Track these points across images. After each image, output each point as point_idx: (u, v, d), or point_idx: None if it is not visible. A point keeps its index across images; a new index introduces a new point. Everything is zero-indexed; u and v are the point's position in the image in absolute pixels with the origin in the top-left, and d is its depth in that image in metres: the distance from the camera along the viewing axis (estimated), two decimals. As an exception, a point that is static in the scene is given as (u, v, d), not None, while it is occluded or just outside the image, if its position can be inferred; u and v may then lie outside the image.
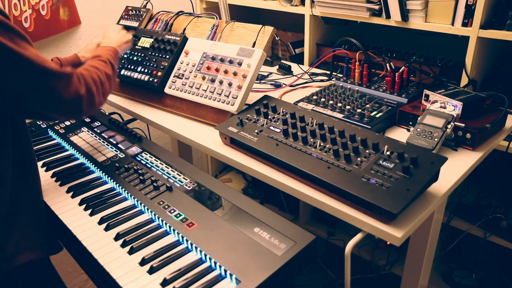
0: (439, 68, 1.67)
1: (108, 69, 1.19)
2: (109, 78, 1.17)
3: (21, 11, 1.73)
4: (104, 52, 1.28)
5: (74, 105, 0.99)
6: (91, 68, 1.13)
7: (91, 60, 1.21)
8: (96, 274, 1.00)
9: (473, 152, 1.19)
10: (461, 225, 1.83)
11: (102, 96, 1.11)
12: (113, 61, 1.25)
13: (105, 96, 1.14)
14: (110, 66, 1.22)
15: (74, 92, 0.98)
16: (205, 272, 0.88)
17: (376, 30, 1.99)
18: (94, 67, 1.14)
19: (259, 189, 2.59)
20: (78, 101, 1.00)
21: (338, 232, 2.30)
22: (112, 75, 1.20)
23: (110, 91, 1.19)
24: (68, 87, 0.97)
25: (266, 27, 1.45)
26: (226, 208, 1.03)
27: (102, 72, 1.14)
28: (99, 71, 1.13)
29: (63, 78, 0.96)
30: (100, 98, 1.09)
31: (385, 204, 0.89)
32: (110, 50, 1.30)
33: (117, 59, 1.33)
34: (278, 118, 1.24)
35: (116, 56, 1.31)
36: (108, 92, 1.16)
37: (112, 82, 1.20)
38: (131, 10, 1.82)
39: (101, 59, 1.22)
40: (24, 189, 1.06)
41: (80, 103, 1.00)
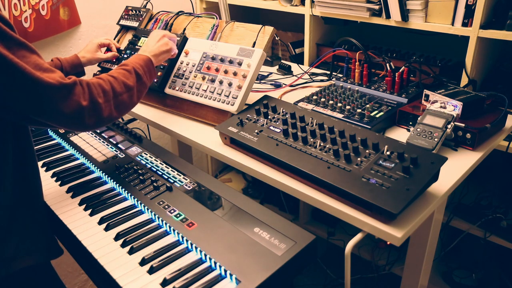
0: (439, 68, 1.67)
1: (131, 79, 1.10)
2: (129, 89, 1.09)
3: (21, 11, 1.73)
4: (133, 61, 1.19)
5: (74, 117, 0.94)
6: (107, 77, 1.06)
7: (115, 69, 1.13)
8: (96, 274, 1.00)
9: (473, 152, 1.19)
10: (461, 225, 1.83)
11: (115, 109, 1.04)
12: (140, 71, 1.16)
13: (120, 108, 1.06)
14: (135, 76, 1.13)
15: (74, 104, 0.93)
16: (205, 272, 0.88)
17: (376, 30, 1.99)
18: (111, 76, 1.07)
19: (259, 189, 2.59)
20: (79, 113, 0.94)
21: (338, 232, 2.30)
22: (134, 86, 1.11)
23: (132, 104, 1.12)
24: (67, 99, 0.92)
25: (266, 27, 1.45)
26: (226, 208, 1.03)
27: (119, 82, 1.07)
28: (116, 81, 1.06)
29: (63, 89, 0.91)
30: (110, 110, 1.02)
31: (385, 204, 0.89)
32: (141, 59, 1.20)
33: (150, 69, 1.22)
34: (278, 118, 1.24)
35: (147, 66, 1.20)
36: (127, 104, 1.09)
37: (136, 94, 1.12)
38: (131, 10, 1.82)
39: (125, 68, 1.14)
40: (25, 191, 1.04)
41: (81, 116, 0.95)
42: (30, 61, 0.88)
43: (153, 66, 1.25)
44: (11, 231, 1.00)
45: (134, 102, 1.12)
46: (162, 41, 1.34)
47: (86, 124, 0.98)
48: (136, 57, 1.22)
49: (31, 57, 0.89)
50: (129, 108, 1.13)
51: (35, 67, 0.88)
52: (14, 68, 0.85)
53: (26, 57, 0.88)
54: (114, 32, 1.88)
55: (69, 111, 0.93)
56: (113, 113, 1.03)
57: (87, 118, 0.96)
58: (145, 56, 1.24)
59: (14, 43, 0.87)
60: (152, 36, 1.37)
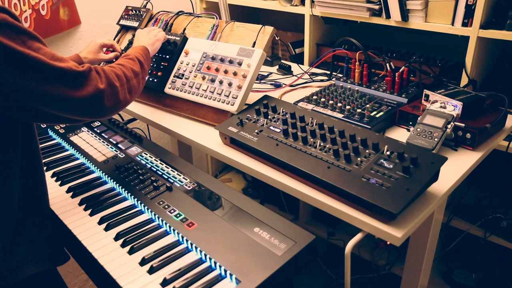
0: (439, 68, 1.67)
1: (136, 66, 1.17)
2: (137, 74, 1.14)
3: (21, 11, 1.73)
4: (133, 51, 1.26)
5: (94, 101, 0.95)
6: (115, 65, 1.11)
7: (118, 59, 1.19)
8: (96, 274, 1.00)
9: (473, 152, 1.19)
10: (461, 225, 1.83)
11: (129, 93, 1.07)
12: (142, 59, 1.22)
13: (133, 93, 1.10)
14: (138, 63, 1.19)
15: (93, 88, 0.94)
16: (205, 272, 0.88)
17: (376, 30, 1.99)
18: (119, 64, 1.12)
19: (259, 189, 2.59)
20: (99, 96, 0.96)
21: (338, 232, 2.30)
22: (140, 72, 1.17)
23: (140, 89, 1.17)
24: (86, 84, 0.94)
25: (266, 27, 1.45)
26: (226, 208, 1.03)
27: (128, 68, 1.11)
28: (125, 67, 1.11)
29: (80, 76, 0.93)
30: (125, 94, 1.05)
31: (385, 204, 0.89)
32: (139, 49, 1.28)
33: (148, 57, 1.31)
34: (278, 118, 1.24)
35: (146, 54, 1.29)
36: (137, 89, 1.14)
37: (141, 80, 1.18)
38: (131, 10, 1.82)
39: (128, 57, 1.20)
40: (32, 199, 1.03)
41: (101, 99, 0.96)
42: (46, 53, 0.89)
43: (149, 54, 1.33)
44: (19, 238, 0.99)
45: (141, 87, 1.18)
46: (152, 33, 1.45)
47: (106, 108, 0.99)
48: (134, 48, 1.30)
49: (44, 48, 0.90)
50: (138, 93, 1.17)
51: (52, 57, 0.89)
52: (33, 62, 0.85)
53: (41, 49, 0.88)
54: (114, 32, 1.88)
55: (90, 96, 0.94)
56: (127, 97, 1.07)
57: (106, 100, 0.98)
58: (142, 46, 1.32)
59: (28, 36, 0.87)
60: (139, 33, 1.48)
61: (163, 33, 1.50)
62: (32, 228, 1.02)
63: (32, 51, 0.86)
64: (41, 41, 0.91)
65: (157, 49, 1.45)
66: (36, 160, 1.04)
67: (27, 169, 1.00)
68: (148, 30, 1.48)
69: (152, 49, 1.38)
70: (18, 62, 0.84)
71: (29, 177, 1.01)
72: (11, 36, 0.84)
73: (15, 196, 0.97)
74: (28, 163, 1.00)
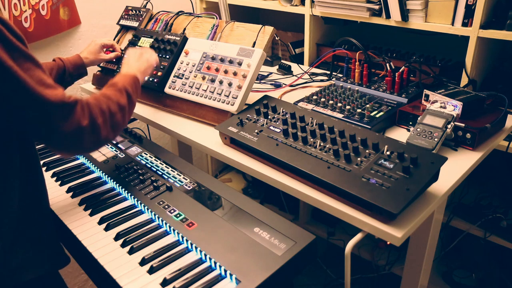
0: (439, 68, 1.67)
1: (123, 99, 1.08)
2: (122, 109, 1.06)
3: (21, 11, 1.73)
4: (121, 79, 1.16)
5: (74, 138, 0.91)
6: (101, 97, 1.03)
7: (105, 88, 1.11)
8: (96, 274, 1.00)
9: (473, 152, 1.19)
10: (461, 225, 1.83)
11: (111, 129, 1.01)
12: (130, 90, 1.13)
13: (116, 129, 1.03)
14: (126, 95, 1.10)
15: (75, 124, 0.89)
16: (205, 272, 0.88)
17: (376, 30, 1.99)
18: (105, 96, 1.04)
19: (259, 189, 2.59)
20: (79, 133, 0.91)
21: (338, 232, 2.30)
22: (126, 105, 1.08)
23: (124, 124, 1.09)
24: (68, 118, 0.88)
25: (266, 27, 1.45)
26: (226, 208, 1.03)
27: (113, 102, 1.04)
28: (111, 101, 1.03)
29: (64, 108, 0.88)
30: (107, 131, 0.99)
31: (385, 204, 0.89)
32: (128, 77, 1.18)
33: (138, 87, 1.21)
34: (278, 118, 1.24)
35: (135, 84, 1.19)
36: (120, 124, 1.06)
37: (127, 114, 1.09)
38: (131, 10, 1.82)
39: (115, 88, 1.11)
40: (32, 200, 1.01)
41: (81, 136, 0.91)
42: (34, 75, 0.85)
43: (139, 83, 1.23)
44: (19, 241, 0.97)
45: (125, 122, 1.10)
46: (143, 58, 1.34)
47: (84, 146, 0.94)
48: (124, 76, 1.19)
49: (35, 71, 0.86)
50: (122, 128, 1.09)
51: (38, 82, 0.85)
52: (17, 81, 0.81)
53: (30, 70, 0.85)
54: (114, 32, 1.88)
55: (69, 131, 0.89)
56: (109, 134, 1.00)
57: (86, 138, 0.93)
58: (132, 74, 1.21)
59: (20, 54, 0.84)
60: (129, 55, 1.36)
61: (155, 57, 1.40)
62: (32, 230, 1.01)
63: (20, 69, 0.82)
64: (33, 61, 0.87)
65: (148, 75, 1.35)
66: (35, 161, 1.03)
67: (26, 170, 0.99)
68: (140, 54, 1.36)
69: (142, 77, 1.28)
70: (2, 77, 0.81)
71: (28, 178, 1.00)
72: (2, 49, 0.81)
73: (15, 197, 0.96)
74: (26, 164, 0.99)
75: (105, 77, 1.73)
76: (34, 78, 0.85)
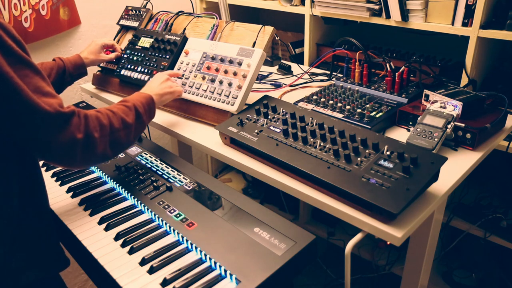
0: (439, 68, 1.67)
1: (130, 117, 1.04)
2: (127, 127, 1.02)
3: (21, 11, 1.73)
4: (134, 97, 1.13)
5: (66, 150, 0.87)
6: (105, 111, 1.00)
7: (115, 104, 1.08)
8: (96, 274, 1.00)
9: (473, 152, 1.19)
10: (461, 225, 1.83)
11: (109, 146, 0.96)
12: (141, 109, 1.09)
13: (116, 147, 0.99)
14: (134, 113, 1.06)
15: (68, 136, 0.86)
16: (205, 272, 0.88)
17: (376, 30, 1.99)
18: (110, 111, 1.01)
19: (259, 189, 2.59)
20: (72, 146, 0.87)
21: (338, 232, 2.30)
22: (133, 124, 1.04)
23: (128, 143, 1.05)
24: (62, 129, 0.86)
25: (266, 27, 1.45)
26: (226, 208, 1.03)
27: (117, 118, 1.00)
28: (115, 116, 1.00)
29: (58, 119, 0.85)
30: (105, 147, 0.95)
31: (385, 204, 0.89)
32: (142, 97, 1.14)
33: (151, 108, 1.17)
34: (278, 118, 1.24)
35: (148, 104, 1.14)
36: (123, 143, 1.02)
37: (133, 133, 1.05)
38: (131, 10, 1.82)
39: (125, 104, 1.08)
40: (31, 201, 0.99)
41: (74, 149, 0.88)
42: (31, 82, 0.83)
43: (154, 105, 1.19)
44: (19, 242, 0.96)
45: (130, 141, 1.05)
46: (166, 84, 1.30)
47: (77, 160, 0.91)
48: (138, 95, 1.16)
49: (33, 78, 0.84)
50: (124, 148, 1.06)
51: (35, 89, 0.83)
52: (12, 87, 0.79)
53: (27, 77, 0.82)
54: (114, 32, 1.88)
55: (62, 143, 0.86)
56: (107, 151, 0.96)
57: (79, 153, 0.89)
58: (147, 94, 1.18)
59: (18, 60, 0.82)
60: (156, 78, 1.32)
61: (180, 90, 1.35)
62: (32, 232, 1.00)
63: (16, 75, 0.80)
64: (33, 68, 0.84)
65: (166, 102, 1.29)
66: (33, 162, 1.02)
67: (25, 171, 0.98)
68: (166, 78, 1.31)
69: (159, 101, 1.24)
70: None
71: (27, 180, 0.99)
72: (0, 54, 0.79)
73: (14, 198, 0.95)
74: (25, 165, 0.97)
75: (105, 77, 1.73)
76: (31, 86, 0.82)
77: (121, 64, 1.65)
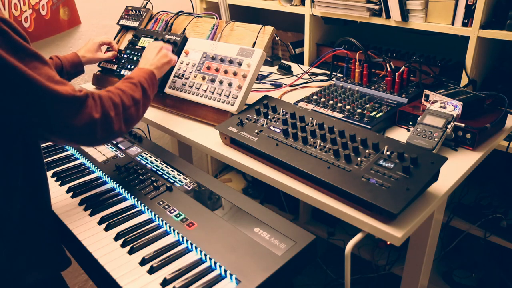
0: (439, 68, 1.67)
1: (138, 93, 1.10)
2: (137, 102, 1.08)
3: (21, 11, 1.73)
4: (137, 74, 1.18)
5: (86, 130, 0.92)
6: (115, 90, 1.05)
7: (120, 82, 1.12)
8: (96, 274, 1.00)
9: (473, 152, 1.19)
10: (461, 225, 1.83)
11: (124, 123, 1.02)
12: (146, 85, 1.15)
13: (129, 122, 1.05)
14: (140, 89, 1.12)
15: (87, 117, 0.91)
16: (205, 272, 0.88)
17: (376, 30, 1.99)
18: (120, 90, 1.06)
19: (259, 189, 2.59)
20: (91, 126, 0.92)
21: (338, 232, 2.30)
22: (141, 99, 1.10)
23: (138, 118, 1.10)
24: (80, 112, 0.90)
25: (266, 27, 1.45)
26: (226, 208, 1.03)
27: (127, 96, 1.05)
28: (125, 94, 1.05)
29: (75, 102, 0.90)
30: (120, 123, 1.01)
31: (385, 204, 0.89)
32: (144, 73, 1.20)
33: (154, 83, 1.23)
34: (278, 118, 1.24)
35: (151, 79, 1.20)
36: (134, 118, 1.08)
37: (142, 108, 1.11)
38: (131, 10, 1.82)
39: (131, 81, 1.13)
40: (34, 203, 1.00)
41: (93, 129, 0.93)
42: (43, 73, 0.86)
43: (156, 79, 1.24)
44: (22, 245, 0.97)
45: (140, 115, 1.11)
46: (161, 53, 1.35)
47: (98, 138, 0.95)
48: (140, 71, 1.21)
49: (43, 68, 0.86)
50: (136, 122, 1.11)
51: (48, 79, 0.86)
52: (27, 80, 0.82)
53: (38, 69, 0.85)
54: (114, 32, 1.88)
55: (82, 124, 0.91)
56: (122, 127, 1.02)
57: (99, 131, 0.94)
58: (148, 69, 1.23)
59: (26, 54, 0.84)
60: (149, 49, 1.36)
61: (174, 58, 1.41)
62: (35, 233, 1.00)
63: (28, 69, 0.83)
64: (40, 59, 0.87)
65: (165, 72, 1.36)
66: (38, 164, 1.02)
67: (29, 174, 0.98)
68: (158, 48, 1.36)
69: (159, 73, 1.30)
70: (11, 78, 0.81)
71: (31, 182, 0.99)
72: (8, 50, 0.81)
73: (17, 200, 0.95)
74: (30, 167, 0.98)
75: (105, 77, 1.73)
76: (43, 76, 0.86)
77: (121, 64, 1.65)
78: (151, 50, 1.36)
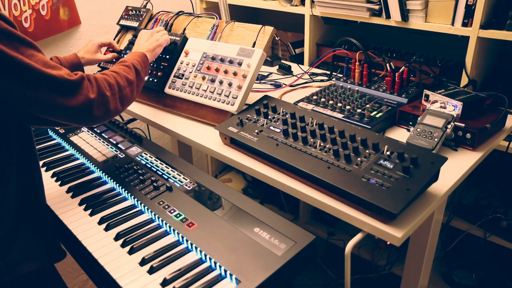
0: (439, 68, 1.67)
1: (131, 74, 1.15)
2: (131, 83, 1.13)
3: (21, 11, 1.73)
4: (130, 57, 1.24)
5: (84, 110, 0.96)
6: (110, 72, 1.10)
7: (115, 65, 1.18)
8: (96, 274, 1.00)
9: (473, 152, 1.19)
10: (461, 225, 1.83)
11: (120, 102, 1.07)
12: (138, 66, 1.21)
13: (124, 102, 1.10)
14: (134, 71, 1.18)
15: (83, 97, 0.95)
16: (205, 272, 0.88)
17: (376, 30, 1.99)
18: (114, 72, 1.11)
19: (259, 189, 2.59)
20: (88, 106, 0.97)
21: (338, 232, 2.30)
22: (135, 80, 1.16)
23: (133, 98, 1.15)
24: (76, 92, 0.94)
25: (266, 27, 1.45)
26: (226, 208, 1.03)
27: (122, 77, 1.10)
28: (119, 75, 1.10)
29: (71, 85, 0.94)
30: (116, 103, 1.05)
31: (385, 204, 0.89)
32: (137, 55, 1.26)
33: (146, 65, 1.29)
34: (278, 118, 1.24)
35: (143, 61, 1.26)
36: (129, 98, 1.13)
37: (136, 88, 1.16)
38: (131, 10, 1.82)
39: (125, 64, 1.18)
40: (28, 195, 1.03)
41: (90, 109, 0.97)
42: (38, 60, 0.89)
43: (148, 61, 1.31)
44: (16, 236, 0.99)
45: (134, 96, 1.16)
46: (153, 38, 1.41)
47: (95, 117, 1.00)
48: (133, 54, 1.28)
49: (38, 55, 0.90)
50: (131, 102, 1.15)
51: (44, 64, 0.90)
52: (25, 68, 0.86)
53: (34, 56, 0.89)
54: (114, 32, 1.88)
55: (79, 105, 0.95)
56: (118, 106, 1.07)
57: (95, 110, 0.98)
58: (141, 52, 1.30)
59: (20, 42, 0.87)
60: (141, 35, 1.44)
61: (166, 37, 1.46)
62: (29, 225, 1.03)
63: (24, 57, 0.86)
64: (34, 47, 0.91)
65: (158, 54, 1.41)
66: (32, 158, 1.05)
67: (24, 167, 1.01)
68: (150, 33, 1.44)
69: (151, 55, 1.36)
70: (9, 67, 0.84)
71: (25, 175, 1.02)
72: (3, 41, 0.84)
73: (12, 193, 0.98)
74: (24, 160, 1.01)
75: (105, 77, 1.73)
76: (40, 63, 0.89)
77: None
78: (143, 36, 1.43)
